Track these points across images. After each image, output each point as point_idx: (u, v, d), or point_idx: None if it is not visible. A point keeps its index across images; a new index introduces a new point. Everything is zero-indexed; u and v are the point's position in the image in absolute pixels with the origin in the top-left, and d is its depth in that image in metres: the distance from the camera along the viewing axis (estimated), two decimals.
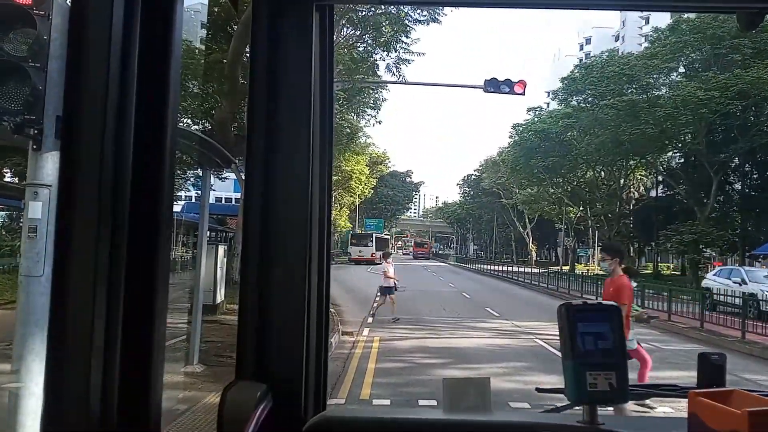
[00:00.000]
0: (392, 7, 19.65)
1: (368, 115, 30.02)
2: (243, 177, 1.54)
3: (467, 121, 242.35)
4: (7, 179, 18.72)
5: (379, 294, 17.70)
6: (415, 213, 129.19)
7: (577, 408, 1.32)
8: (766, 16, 1.22)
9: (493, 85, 17.02)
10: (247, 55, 11.58)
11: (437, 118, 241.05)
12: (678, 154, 37.69)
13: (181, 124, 15.99)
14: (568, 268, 44.74)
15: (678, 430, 1.21)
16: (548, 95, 52.38)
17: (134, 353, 0.81)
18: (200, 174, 12.43)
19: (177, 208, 24.11)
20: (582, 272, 37.21)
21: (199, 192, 14.09)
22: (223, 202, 38.31)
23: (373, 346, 11.70)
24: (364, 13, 20.08)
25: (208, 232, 14.93)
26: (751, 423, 1.06)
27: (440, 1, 17.59)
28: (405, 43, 20.63)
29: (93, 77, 0.81)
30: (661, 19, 46.61)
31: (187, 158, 14.07)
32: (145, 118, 0.84)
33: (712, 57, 31.03)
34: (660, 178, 40.76)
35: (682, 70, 34.15)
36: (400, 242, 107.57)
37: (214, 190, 31.19)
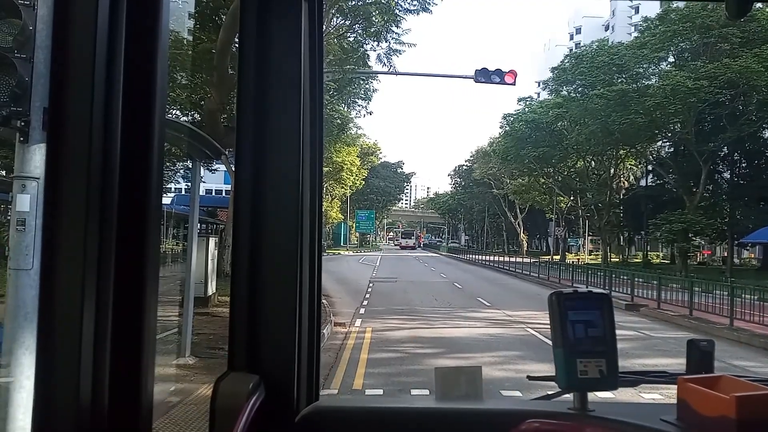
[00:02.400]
0: None
1: (359, 105, 29.90)
2: (233, 168, 1.54)
3: (458, 112, 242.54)
4: None
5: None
6: (406, 204, 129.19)
7: (567, 395, 1.34)
8: (755, 4, 1.22)
9: (484, 75, 17.02)
10: (236, 45, 11.48)
11: (428, 109, 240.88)
12: (667, 143, 37.90)
13: (170, 115, 15.87)
14: (558, 257, 45.01)
15: (667, 415, 1.23)
16: (539, 85, 52.42)
17: (125, 346, 0.81)
18: (190, 166, 12.36)
19: (167, 200, 23.97)
20: (573, 261, 37.45)
21: (189, 184, 14.01)
22: (214, 193, 38.12)
23: (366, 336, 11.74)
24: (354, 2, 19.95)
25: (199, 225, 14.88)
26: (738, 407, 1.08)
27: None
28: (396, 33, 20.54)
29: (79, 69, 0.80)
30: (651, 9, 46.71)
31: (177, 150, 13.97)
32: (132, 110, 0.83)
33: (701, 46, 31.13)
34: (650, 167, 40.99)
35: (671, 59, 34.24)
36: (391, 233, 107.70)
37: (204, 182, 31.04)
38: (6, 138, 7.57)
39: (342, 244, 67.01)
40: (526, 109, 43.73)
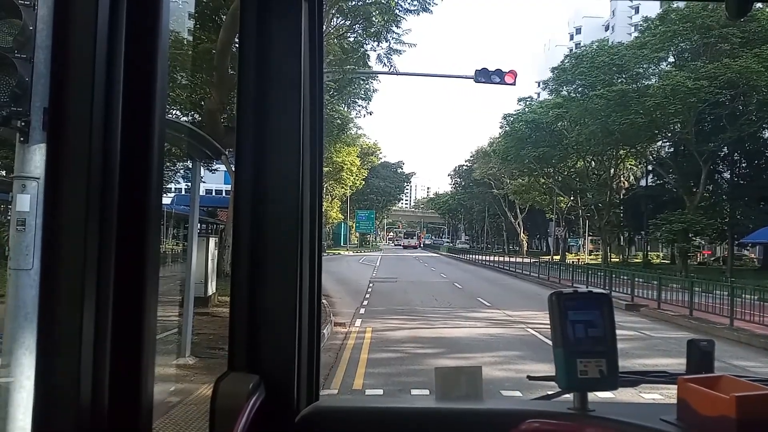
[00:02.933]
0: None
1: (359, 105, 29.94)
2: (233, 168, 1.54)
3: (458, 112, 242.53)
4: None
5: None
6: (406, 204, 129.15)
7: (567, 395, 1.34)
8: (755, 4, 1.22)
9: (484, 75, 17.03)
10: (237, 45, 11.48)
11: (428, 109, 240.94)
12: (667, 143, 37.89)
13: (170, 115, 15.86)
14: (558, 257, 45.00)
15: (667, 415, 1.23)
16: (539, 85, 52.41)
17: (125, 346, 0.81)
18: (190, 166, 12.36)
19: (167, 200, 23.98)
20: (573, 261, 37.44)
21: (189, 184, 14.02)
22: (214, 194, 38.12)
23: (366, 336, 11.74)
24: (354, 2, 19.95)
25: (199, 225, 14.88)
26: (738, 407, 1.08)
27: None
28: (396, 33, 20.54)
29: (79, 69, 0.80)
30: (651, 9, 46.71)
31: (177, 150, 13.96)
32: (132, 110, 0.83)
33: (701, 46, 31.13)
34: (650, 167, 40.97)
35: (671, 59, 34.24)
36: (391, 233, 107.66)
37: (204, 182, 31.04)
38: (6, 138, 7.57)
39: (342, 244, 67.00)
40: (526, 109, 43.70)
